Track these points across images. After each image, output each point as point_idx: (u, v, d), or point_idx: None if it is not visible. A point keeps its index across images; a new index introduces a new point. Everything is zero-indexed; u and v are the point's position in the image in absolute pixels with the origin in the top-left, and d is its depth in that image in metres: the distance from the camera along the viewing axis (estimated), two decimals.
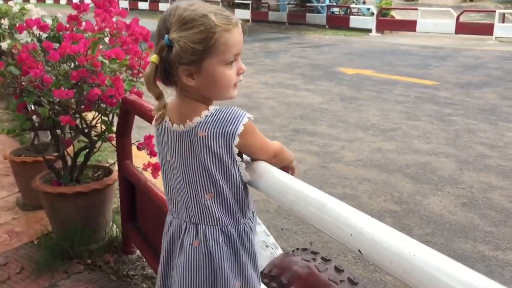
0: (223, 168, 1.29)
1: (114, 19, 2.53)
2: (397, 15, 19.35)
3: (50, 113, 2.71)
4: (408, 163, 4.67)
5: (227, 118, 1.25)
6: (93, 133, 2.94)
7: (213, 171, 1.29)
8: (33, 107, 2.96)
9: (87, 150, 2.95)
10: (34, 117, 2.99)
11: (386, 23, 18.20)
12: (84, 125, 2.84)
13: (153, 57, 1.23)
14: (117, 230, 3.06)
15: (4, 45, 3.40)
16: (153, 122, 1.37)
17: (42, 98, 2.68)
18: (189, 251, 1.35)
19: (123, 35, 2.39)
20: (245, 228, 1.38)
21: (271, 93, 7.99)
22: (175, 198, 1.39)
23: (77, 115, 2.78)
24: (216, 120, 1.25)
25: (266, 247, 2.11)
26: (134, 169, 2.70)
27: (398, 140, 5.42)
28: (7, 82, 2.62)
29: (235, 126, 1.24)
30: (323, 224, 1.25)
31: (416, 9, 18.03)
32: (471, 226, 3.42)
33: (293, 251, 1.85)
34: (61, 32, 2.92)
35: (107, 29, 2.36)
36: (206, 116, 1.26)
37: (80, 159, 3.00)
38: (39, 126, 2.88)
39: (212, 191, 1.31)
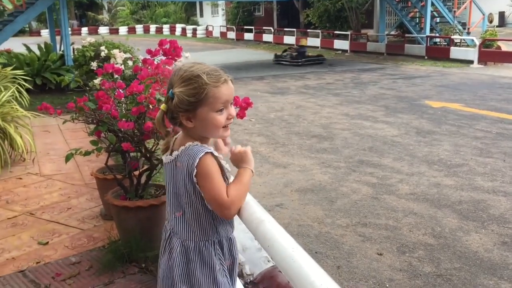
0: (187, 194, 1.69)
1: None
2: (506, 45, 18.47)
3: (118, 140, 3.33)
4: (462, 200, 4.73)
5: (190, 154, 1.66)
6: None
7: (181, 195, 1.72)
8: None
9: (149, 171, 3.53)
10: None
11: (489, 54, 17.50)
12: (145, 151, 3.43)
13: (162, 106, 1.73)
14: None
15: (97, 81, 4.14)
16: (161, 152, 1.86)
17: (114, 127, 3.30)
18: (168, 253, 1.78)
19: None
20: (207, 244, 1.72)
21: (348, 124, 8.26)
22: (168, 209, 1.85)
23: (141, 143, 3.38)
24: (185, 155, 1.67)
25: (268, 261, 2.48)
26: None
27: (461, 176, 5.44)
28: (87, 113, 3.29)
29: (193, 161, 1.64)
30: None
31: None
32: (502, 265, 3.48)
33: None
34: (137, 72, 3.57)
35: (158, 74, 2.93)
36: (182, 150, 1.70)
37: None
38: (111, 149, 3.50)
39: (180, 210, 1.74)
